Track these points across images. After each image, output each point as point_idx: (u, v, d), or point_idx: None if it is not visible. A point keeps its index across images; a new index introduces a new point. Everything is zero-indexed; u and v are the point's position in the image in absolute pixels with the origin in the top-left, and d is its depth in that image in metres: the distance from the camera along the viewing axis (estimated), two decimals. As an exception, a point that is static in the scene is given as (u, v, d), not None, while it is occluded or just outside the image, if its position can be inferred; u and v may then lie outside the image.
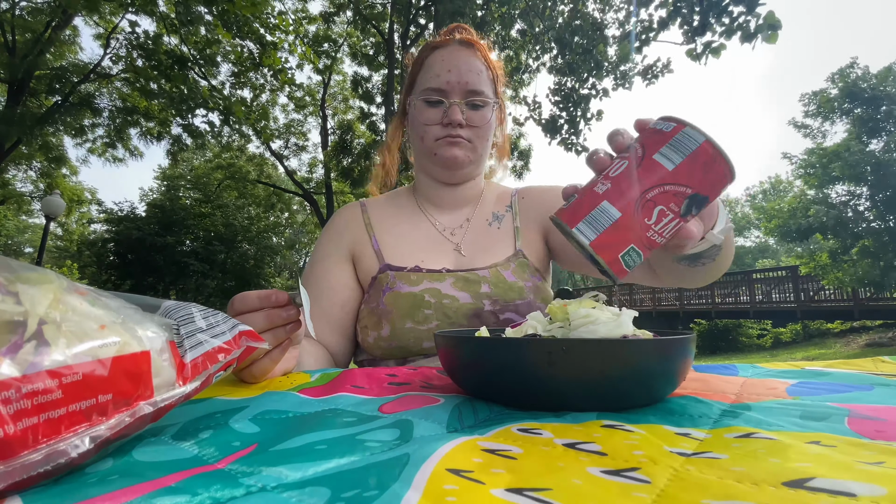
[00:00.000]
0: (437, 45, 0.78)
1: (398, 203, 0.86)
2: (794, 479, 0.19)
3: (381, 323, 0.71)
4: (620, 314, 0.36)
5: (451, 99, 0.74)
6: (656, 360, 0.33)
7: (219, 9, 6.87)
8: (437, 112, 0.75)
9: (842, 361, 0.55)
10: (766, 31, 3.76)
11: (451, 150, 0.75)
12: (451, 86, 0.74)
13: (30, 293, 0.22)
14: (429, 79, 0.76)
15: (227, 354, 0.32)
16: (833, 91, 9.54)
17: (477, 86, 0.75)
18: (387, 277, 0.74)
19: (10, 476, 0.18)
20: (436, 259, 0.77)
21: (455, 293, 0.71)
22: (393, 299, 0.71)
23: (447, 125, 0.74)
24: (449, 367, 0.40)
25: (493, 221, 0.83)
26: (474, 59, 0.76)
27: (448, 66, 0.75)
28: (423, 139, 0.77)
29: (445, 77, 0.74)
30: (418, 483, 0.20)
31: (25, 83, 8.83)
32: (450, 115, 0.74)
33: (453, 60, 0.75)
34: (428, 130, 0.76)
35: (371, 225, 0.81)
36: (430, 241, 0.80)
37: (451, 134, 0.75)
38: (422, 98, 0.76)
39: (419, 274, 0.73)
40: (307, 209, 18.44)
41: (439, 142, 0.76)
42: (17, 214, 16.43)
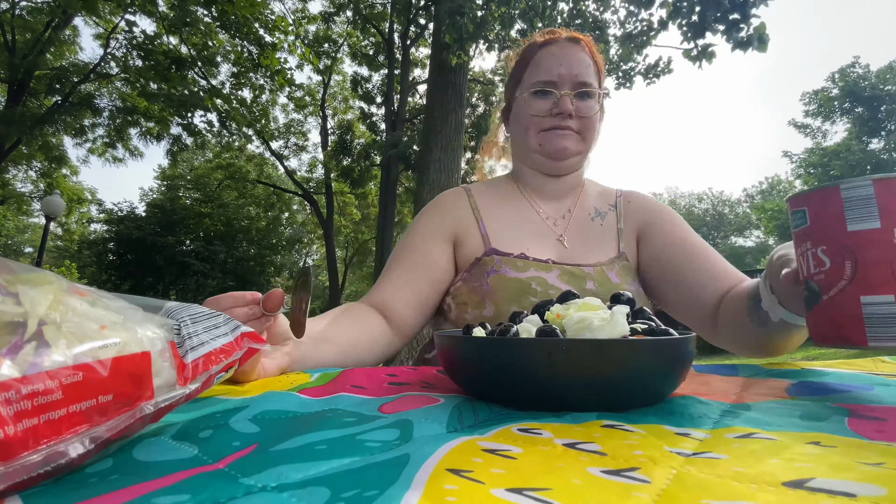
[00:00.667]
0: (545, 42, 0.79)
1: (501, 190, 0.86)
2: (794, 479, 0.19)
3: (485, 302, 0.72)
4: (613, 314, 0.35)
5: (561, 91, 0.75)
6: (657, 360, 0.33)
7: (218, 9, 6.88)
8: (546, 103, 0.76)
9: (842, 361, 0.55)
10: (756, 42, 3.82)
11: (561, 141, 0.76)
12: (562, 78, 0.75)
13: (30, 294, 0.22)
14: (539, 73, 0.77)
15: (229, 355, 0.32)
16: (834, 90, 9.53)
17: (586, 77, 0.76)
18: (492, 260, 0.74)
19: (10, 477, 0.18)
20: (540, 249, 0.77)
21: (562, 286, 0.72)
22: (498, 281, 0.72)
23: (556, 115, 0.75)
24: (449, 367, 0.40)
25: (595, 217, 0.83)
26: (582, 53, 0.78)
27: (559, 61, 0.76)
28: (529, 130, 0.78)
29: (557, 70, 0.75)
30: (418, 483, 0.20)
31: (25, 83, 8.83)
32: (561, 105, 0.74)
33: (563, 55, 0.76)
34: (536, 122, 0.77)
35: (478, 209, 0.82)
36: (534, 229, 0.80)
37: (561, 125, 0.75)
38: (531, 90, 0.77)
39: (526, 261, 0.74)
40: (307, 209, 18.44)
41: (547, 133, 0.76)
42: (17, 214, 16.43)
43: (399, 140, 9.32)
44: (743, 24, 3.87)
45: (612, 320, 0.35)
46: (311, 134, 16.41)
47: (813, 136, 10.72)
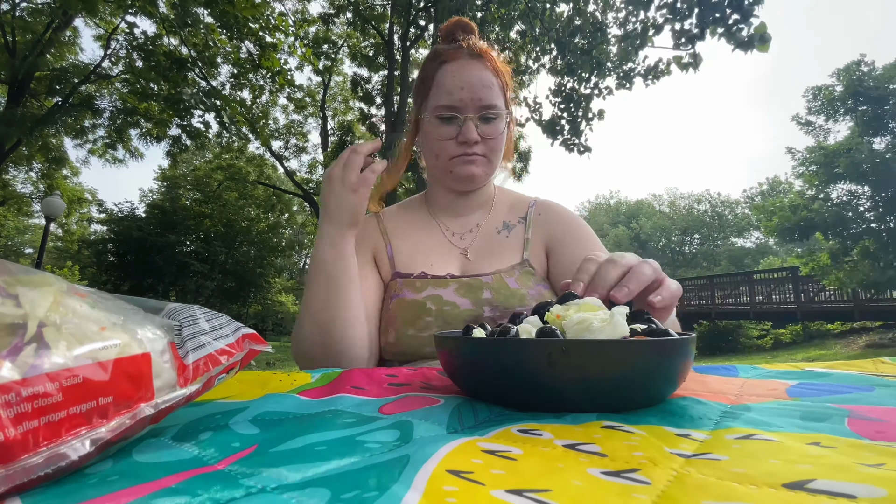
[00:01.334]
0: (446, 59, 0.77)
1: (411, 211, 0.88)
2: (795, 480, 0.19)
3: (388, 329, 0.73)
4: (612, 314, 0.35)
5: (464, 115, 0.74)
6: (657, 361, 0.33)
7: (218, 10, 6.88)
8: (451, 129, 0.75)
9: (842, 362, 0.55)
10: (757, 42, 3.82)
11: (468, 169, 0.75)
12: (464, 102, 0.73)
13: (29, 296, 0.22)
14: (441, 95, 0.75)
15: (230, 357, 0.32)
16: (838, 88, 9.48)
17: (490, 100, 0.74)
18: (395, 285, 0.76)
19: (10, 479, 0.18)
20: (443, 264, 0.78)
21: (456, 299, 0.72)
22: (398, 306, 0.73)
23: (462, 143, 0.74)
24: (449, 368, 0.40)
25: (502, 230, 0.83)
26: (485, 71, 0.75)
27: (460, 83, 0.73)
28: (438, 157, 0.77)
29: (458, 94, 0.73)
30: (418, 484, 0.20)
31: (26, 84, 8.84)
32: (465, 133, 0.73)
33: (465, 76, 0.74)
34: (443, 147, 0.76)
35: (386, 232, 0.83)
36: (438, 246, 0.81)
37: (467, 152, 0.75)
38: (435, 115, 0.75)
39: (424, 280, 0.75)
40: (307, 210, 18.45)
41: (455, 160, 0.76)
42: (17, 215, 16.44)
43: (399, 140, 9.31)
44: (743, 24, 3.88)
45: (611, 321, 0.35)
46: (311, 135, 16.43)
47: (815, 134, 10.68)
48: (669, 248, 33.01)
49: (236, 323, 0.35)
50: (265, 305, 18.63)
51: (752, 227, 28.99)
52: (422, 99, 0.80)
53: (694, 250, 32.56)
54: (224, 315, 0.35)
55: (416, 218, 0.86)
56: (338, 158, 0.67)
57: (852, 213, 9.08)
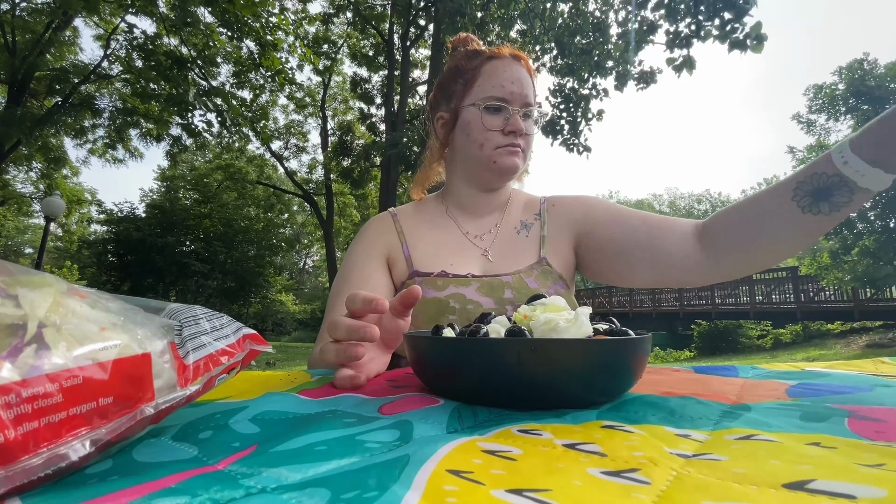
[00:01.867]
0: (492, 56, 0.80)
1: (427, 211, 0.88)
2: (795, 481, 0.19)
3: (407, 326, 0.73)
4: (577, 315, 0.37)
5: (512, 107, 0.77)
6: (618, 358, 0.35)
7: (219, 9, 6.88)
8: (498, 119, 0.77)
9: (842, 362, 0.55)
10: (753, 41, 3.81)
11: (511, 159, 0.78)
12: (513, 96, 0.77)
13: (29, 296, 0.22)
14: (491, 88, 0.77)
15: (231, 357, 0.32)
16: (840, 86, 9.44)
17: (531, 98, 0.79)
18: (413, 283, 0.76)
19: (10, 481, 0.18)
20: (463, 264, 0.79)
21: (479, 298, 0.73)
22: (419, 304, 0.73)
23: (510, 133, 0.77)
24: (419, 366, 0.40)
25: (521, 230, 0.85)
26: (526, 73, 0.80)
27: (511, 78, 0.77)
28: (483, 146, 0.78)
29: (510, 88, 0.77)
30: (418, 484, 0.20)
31: (26, 84, 8.84)
32: (514, 123, 0.76)
33: (514, 73, 0.78)
34: (490, 137, 0.77)
35: (403, 232, 0.84)
36: (458, 246, 0.82)
37: (513, 143, 0.77)
38: (486, 105, 0.77)
39: (445, 279, 0.76)
40: (307, 210, 18.47)
41: (500, 150, 0.77)
42: (17, 215, 16.44)
43: (399, 140, 9.33)
44: (737, 23, 3.88)
45: (576, 321, 0.37)
46: (310, 135, 16.44)
47: (816, 133, 10.63)
48: (669, 247, 32.95)
49: (237, 323, 0.35)
50: (265, 305, 18.62)
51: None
52: (463, 92, 0.81)
53: (694, 250, 32.50)
54: (225, 315, 0.35)
55: (432, 217, 0.87)
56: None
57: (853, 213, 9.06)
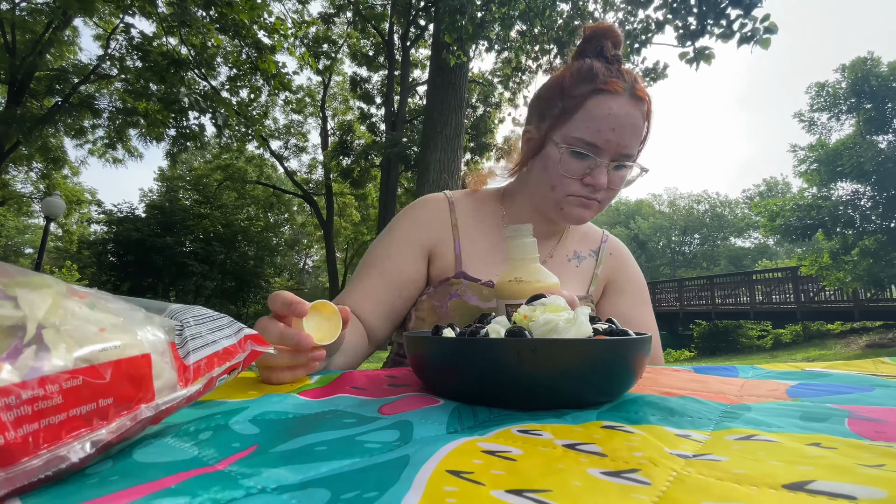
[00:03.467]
0: (605, 89, 0.67)
1: (485, 210, 0.82)
2: (795, 481, 0.19)
3: (442, 323, 0.71)
4: (577, 315, 0.37)
5: (601, 158, 0.67)
6: (617, 358, 0.35)
7: (217, 11, 6.88)
8: (581, 166, 0.68)
9: (842, 362, 0.55)
10: (762, 35, 3.78)
11: (580, 212, 0.71)
12: (609, 145, 0.66)
13: (28, 297, 0.22)
14: (586, 130, 0.67)
15: (232, 358, 0.31)
16: (843, 84, 9.41)
17: (631, 150, 0.68)
18: (459, 283, 0.73)
19: (10, 482, 0.18)
20: None
21: None
22: (458, 307, 0.71)
23: (587, 185, 0.68)
24: (420, 366, 0.40)
25: (572, 258, 0.83)
26: (639, 118, 0.68)
27: (612, 125, 0.66)
28: (555, 189, 0.70)
29: (607, 135, 0.66)
30: (418, 484, 0.20)
31: (25, 84, 8.83)
32: (596, 177, 0.67)
33: (620, 119, 0.66)
34: (565, 184, 0.69)
35: (457, 226, 0.79)
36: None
37: (589, 196, 0.69)
38: (571, 149, 0.67)
39: (492, 290, 0.72)
40: (307, 210, 18.45)
41: (572, 199, 0.70)
42: (17, 215, 16.44)
43: (399, 140, 9.32)
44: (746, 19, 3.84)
45: (576, 321, 0.37)
46: (310, 135, 16.44)
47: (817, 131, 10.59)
48: (669, 248, 33.04)
49: (238, 324, 0.35)
50: (265, 305, 18.60)
51: (752, 228, 29.03)
52: (559, 119, 0.70)
53: (693, 250, 32.59)
54: (226, 316, 0.35)
55: (489, 220, 0.81)
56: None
57: (855, 212, 9.05)
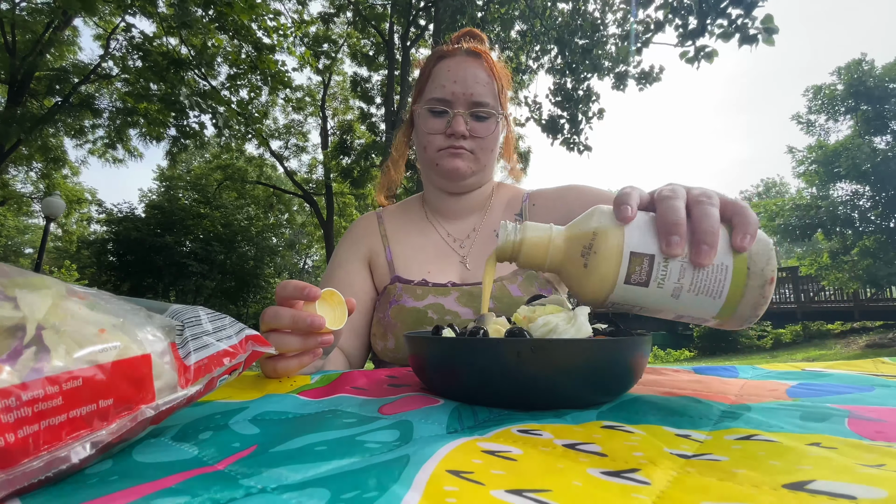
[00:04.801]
0: (444, 55, 0.78)
1: (410, 213, 0.87)
2: (795, 481, 0.19)
3: (387, 335, 0.73)
4: (576, 315, 0.37)
5: (455, 109, 0.74)
6: (617, 358, 0.35)
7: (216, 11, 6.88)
8: (440, 122, 0.75)
9: (842, 362, 0.55)
10: (763, 34, 3.79)
11: (452, 162, 0.75)
12: (455, 96, 0.74)
13: (28, 298, 0.22)
14: (434, 89, 0.76)
15: (233, 358, 0.31)
16: (839, 86, 9.43)
17: (481, 97, 0.74)
18: (395, 289, 0.75)
19: (11, 484, 0.18)
20: (442, 271, 0.78)
21: (458, 309, 0.72)
22: (397, 312, 0.72)
23: (450, 136, 0.75)
24: (419, 367, 0.40)
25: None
26: (480, 70, 0.76)
27: (453, 77, 0.74)
28: (427, 149, 0.77)
29: (451, 88, 0.74)
30: (418, 484, 0.20)
31: (25, 84, 8.83)
32: (453, 125, 0.74)
33: (459, 71, 0.75)
34: (431, 140, 0.76)
35: (386, 236, 0.83)
36: (437, 252, 0.80)
37: (454, 145, 0.75)
38: (426, 108, 0.76)
39: (425, 288, 0.74)
40: (307, 210, 18.45)
41: (442, 152, 0.76)
42: (17, 215, 16.44)
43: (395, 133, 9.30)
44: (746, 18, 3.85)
45: (575, 321, 0.37)
46: (311, 134, 16.43)
47: (815, 133, 10.59)
48: (669, 247, 32.97)
49: (240, 324, 0.35)
50: (265, 305, 18.61)
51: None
52: (417, 93, 0.81)
53: (693, 250, 32.53)
54: (228, 316, 0.35)
55: (415, 221, 0.85)
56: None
57: (854, 212, 9.05)
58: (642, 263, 0.34)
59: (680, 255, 0.33)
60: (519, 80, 7.90)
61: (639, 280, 0.34)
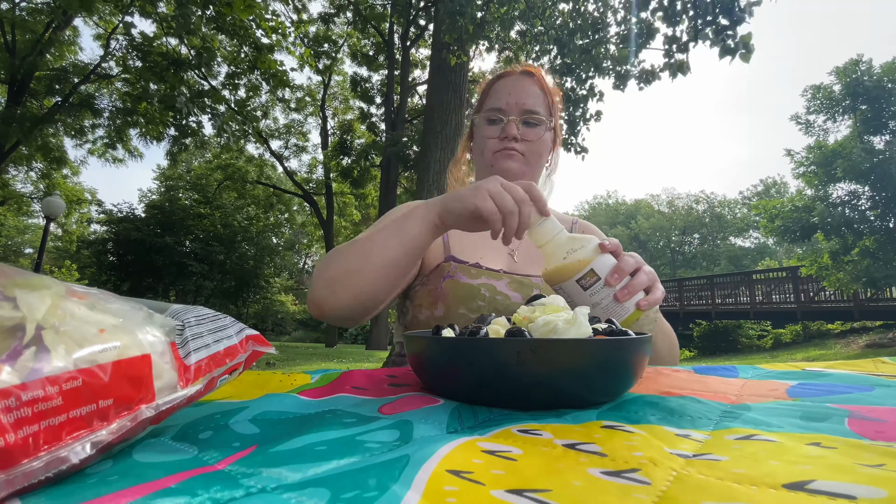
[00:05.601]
0: (503, 75, 0.90)
1: None
2: (795, 481, 0.19)
3: (437, 304, 0.77)
4: (576, 316, 0.38)
5: (508, 116, 0.84)
6: (617, 358, 0.35)
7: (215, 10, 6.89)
8: (496, 128, 0.85)
9: (842, 362, 0.55)
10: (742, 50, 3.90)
11: (506, 162, 0.84)
12: (509, 106, 0.84)
13: (27, 298, 0.22)
14: (492, 101, 0.87)
15: (233, 358, 0.31)
16: (836, 87, 9.42)
17: (532, 106, 0.84)
18: (449, 266, 0.80)
19: (10, 484, 0.18)
20: (493, 260, 0.84)
21: (509, 292, 0.77)
22: (452, 286, 0.77)
23: (503, 139, 0.84)
24: (419, 366, 0.40)
25: None
26: (533, 85, 0.87)
27: (509, 91, 0.86)
28: (484, 153, 0.87)
29: (506, 99, 0.85)
30: (418, 484, 0.20)
31: (26, 84, 8.83)
32: (506, 129, 0.84)
33: (514, 86, 0.86)
34: (488, 143, 0.86)
35: None
36: (489, 243, 0.86)
37: (507, 147, 0.84)
38: (484, 116, 0.87)
39: (479, 269, 0.80)
40: (307, 210, 18.45)
41: (497, 154, 0.84)
42: (17, 215, 16.44)
43: (398, 139, 9.32)
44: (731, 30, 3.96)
45: (575, 322, 0.37)
46: (311, 134, 16.43)
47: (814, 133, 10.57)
48: (669, 248, 33.03)
49: (240, 324, 0.35)
50: (265, 305, 18.62)
51: (751, 228, 29.04)
52: (478, 108, 0.92)
53: (693, 250, 32.58)
54: (228, 316, 0.35)
55: None
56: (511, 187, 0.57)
57: (853, 213, 9.04)
58: (592, 277, 0.51)
59: (613, 287, 0.51)
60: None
61: (583, 285, 0.52)
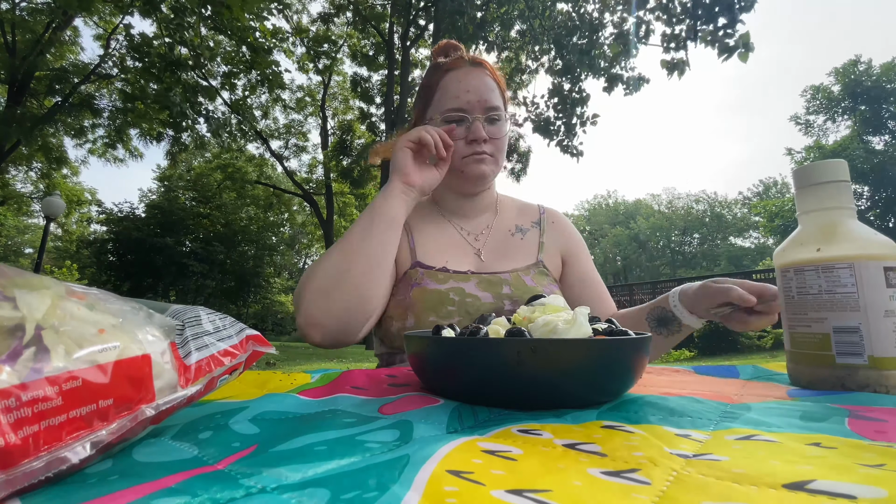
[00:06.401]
0: (449, 68, 0.82)
1: (424, 210, 0.91)
2: (795, 481, 0.19)
3: (407, 314, 0.75)
4: (576, 316, 0.38)
5: (472, 115, 0.78)
6: (617, 358, 0.35)
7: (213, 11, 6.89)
8: (460, 130, 0.79)
9: (842, 362, 0.55)
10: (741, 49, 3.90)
11: (478, 168, 0.79)
12: (471, 105, 0.78)
13: (27, 298, 0.22)
14: (448, 100, 0.79)
15: (233, 358, 0.31)
16: (834, 88, 9.43)
17: (493, 102, 0.80)
18: (416, 273, 0.78)
19: (10, 485, 0.18)
20: (460, 261, 0.82)
21: (478, 293, 0.76)
22: (419, 294, 0.75)
23: (472, 142, 0.78)
24: (420, 366, 0.40)
25: (516, 233, 0.88)
26: (486, 77, 0.81)
27: (466, 87, 0.79)
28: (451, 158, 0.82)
29: (465, 97, 0.78)
30: (418, 484, 0.20)
31: (26, 84, 8.83)
32: (474, 132, 0.78)
33: (470, 81, 0.80)
34: (455, 149, 0.79)
35: (409, 223, 0.86)
36: (454, 244, 0.85)
37: (477, 151, 0.79)
38: (444, 118, 0.79)
39: (446, 274, 0.78)
40: (307, 209, 18.45)
41: (466, 159, 0.79)
42: (17, 215, 16.43)
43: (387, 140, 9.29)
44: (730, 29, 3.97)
45: (575, 322, 0.37)
46: (311, 134, 16.43)
47: (813, 133, 10.56)
48: (669, 248, 33.02)
49: (240, 324, 0.35)
50: (265, 305, 18.63)
51: (751, 228, 29.03)
52: (424, 107, 0.84)
53: (693, 250, 32.57)
54: (228, 316, 0.35)
55: (430, 216, 0.89)
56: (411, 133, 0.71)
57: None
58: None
59: None
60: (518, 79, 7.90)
61: None
